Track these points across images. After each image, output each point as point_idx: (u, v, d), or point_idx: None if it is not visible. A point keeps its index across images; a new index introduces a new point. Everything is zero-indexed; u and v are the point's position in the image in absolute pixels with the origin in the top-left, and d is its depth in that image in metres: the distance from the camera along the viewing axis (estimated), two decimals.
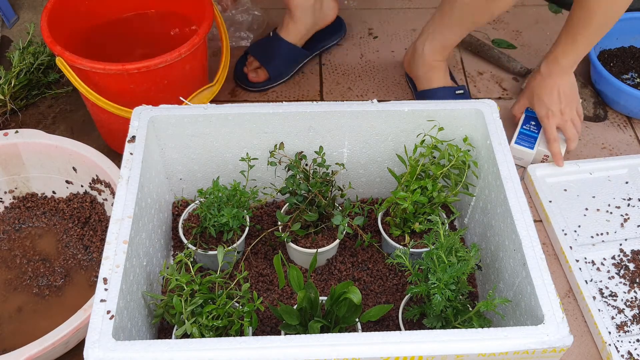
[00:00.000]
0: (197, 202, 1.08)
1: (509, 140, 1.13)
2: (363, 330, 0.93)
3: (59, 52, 1.09)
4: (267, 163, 1.08)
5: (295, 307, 0.91)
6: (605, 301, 1.08)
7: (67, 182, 1.18)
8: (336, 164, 1.09)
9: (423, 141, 1.03)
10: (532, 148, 1.29)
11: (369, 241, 1.05)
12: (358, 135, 1.06)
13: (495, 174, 0.95)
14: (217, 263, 0.93)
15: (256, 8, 1.60)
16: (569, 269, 1.13)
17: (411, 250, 1.01)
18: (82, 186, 1.18)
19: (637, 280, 1.11)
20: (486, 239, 1.01)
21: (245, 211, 1.04)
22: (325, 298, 0.93)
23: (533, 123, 1.33)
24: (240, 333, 0.88)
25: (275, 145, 1.06)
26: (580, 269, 1.12)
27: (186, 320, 0.85)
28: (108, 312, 0.76)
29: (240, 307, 0.89)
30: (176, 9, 1.30)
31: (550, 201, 1.22)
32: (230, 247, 1.02)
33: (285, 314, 0.88)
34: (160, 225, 1.04)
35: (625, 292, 1.10)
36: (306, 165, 1.07)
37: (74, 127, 1.38)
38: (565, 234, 1.17)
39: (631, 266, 1.13)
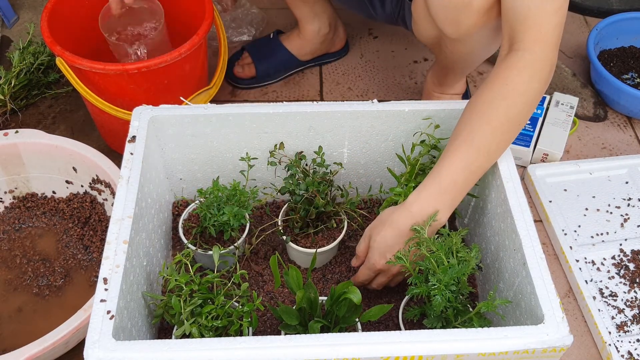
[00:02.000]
0: (197, 202, 1.08)
1: None
2: (363, 331, 0.93)
3: (58, 52, 1.09)
4: (267, 163, 1.08)
5: (294, 307, 0.91)
6: (605, 301, 1.08)
7: (67, 182, 1.18)
8: (334, 163, 1.09)
9: (423, 141, 1.03)
10: (528, 146, 1.29)
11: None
12: (358, 135, 1.06)
13: (495, 173, 0.95)
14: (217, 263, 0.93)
15: (256, 8, 1.60)
16: (569, 269, 1.13)
17: None
18: (82, 186, 1.18)
19: (637, 280, 1.11)
20: (486, 239, 1.01)
21: (245, 210, 1.03)
22: (325, 298, 0.93)
23: (528, 122, 1.33)
24: (240, 333, 0.88)
25: (275, 145, 1.06)
26: (580, 269, 1.12)
27: (185, 321, 0.85)
28: (108, 312, 0.76)
29: (240, 306, 0.89)
30: (176, 8, 1.30)
31: (550, 201, 1.22)
32: (230, 247, 1.02)
33: (285, 314, 0.88)
34: (160, 225, 1.04)
35: (625, 292, 1.10)
36: (306, 165, 1.07)
37: (74, 127, 1.38)
38: (565, 234, 1.17)
39: (631, 266, 1.13)
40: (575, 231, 1.18)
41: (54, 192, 1.20)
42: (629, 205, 1.23)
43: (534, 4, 0.87)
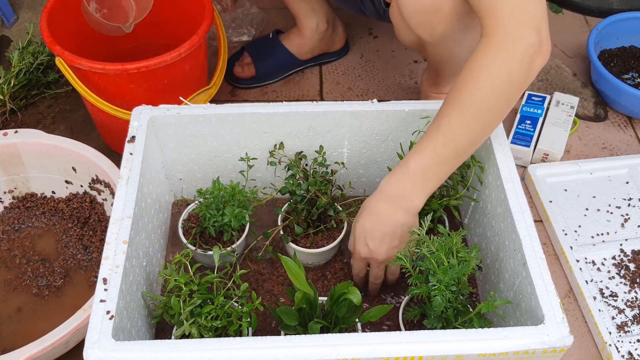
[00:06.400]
0: (196, 202, 1.08)
1: None
2: (363, 331, 0.93)
3: (58, 52, 1.09)
4: (267, 163, 1.08)
5: (293, 307, 0.91)
6: (605, 301, 1.08)
7: (67, 182, 1.18)
8: (335, 162, 1.09)
9: None
10: (528, 146, 1.29)
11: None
12: (358, 135, 1.06)
13: (495, 174, 0.95)
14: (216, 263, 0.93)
15: (256, 8, 1.60)
16: (569, 269, 1.13)
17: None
18: (81, 186, 1.18)
19: (638, 280, 1.11)
20: (486, 239, 1.01)
21: (246, 211, 1.03)
22: (325, 298, 0.92)
23: (528, 122, 1.33)
24: (240, 333, 0.88)
25: (275, 145, 1.06)
26: (580, 269, 1.12)
27: (185, 321, 0.85)
28: (108, 312, 0.76)
29: (240, 307, 0.89)
30: (176, 8, 1.30)
31: (550, 201, 1.22)
32: (230, 248, 1.02)
33: (284, 315, 0.88)
34: (160, 226, 1.04)
35: (625, 293, 1.09)
36: (306, 165, 1.06)
37: (73, 127, 1.37)
38: (566, 234, 1.17)
39: (632, 266, 1.13)
40: (575, 231, 1.18)
41: (53, 192, 1.20)
42: (629, 205, 1.23)
43: None
